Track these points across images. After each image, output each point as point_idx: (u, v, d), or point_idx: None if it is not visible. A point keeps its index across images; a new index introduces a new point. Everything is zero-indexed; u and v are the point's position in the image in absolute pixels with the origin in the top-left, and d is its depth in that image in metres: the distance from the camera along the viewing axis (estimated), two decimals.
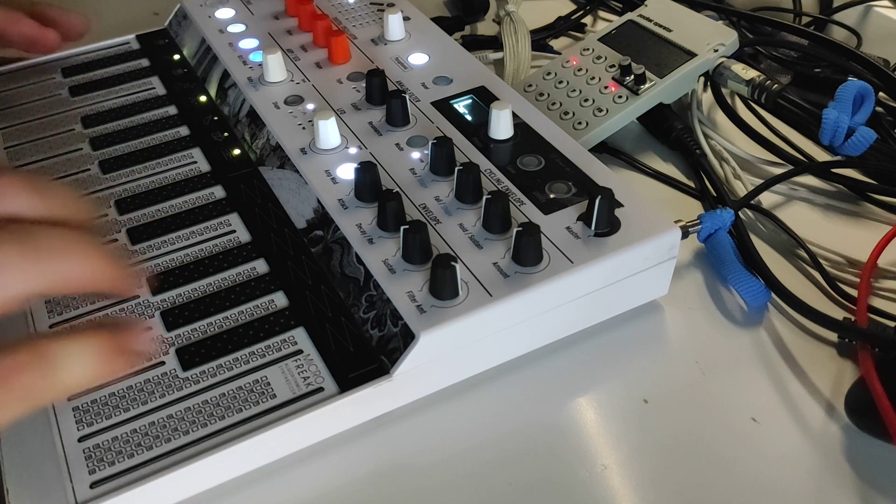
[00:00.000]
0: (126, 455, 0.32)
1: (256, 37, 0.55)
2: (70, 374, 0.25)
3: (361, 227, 0.39)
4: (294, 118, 0.47)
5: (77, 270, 0.25)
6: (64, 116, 0.52)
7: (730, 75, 0.50)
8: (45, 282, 0.24)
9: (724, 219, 0.43)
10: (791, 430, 0.36)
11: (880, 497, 0.34)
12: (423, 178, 0.42)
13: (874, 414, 0.33)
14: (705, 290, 0.43)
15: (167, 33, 0.60)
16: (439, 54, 0.52)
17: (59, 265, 0.25)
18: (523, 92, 0.54)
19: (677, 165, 0.53)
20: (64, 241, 0.25)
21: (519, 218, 0.39)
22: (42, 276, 0.24)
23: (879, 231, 0.44)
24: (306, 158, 0.44)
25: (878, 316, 0.41)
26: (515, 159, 0.43)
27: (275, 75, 0.50)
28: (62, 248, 0.25)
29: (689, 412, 0.37)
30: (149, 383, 0.35)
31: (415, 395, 0.37)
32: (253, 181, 0.45)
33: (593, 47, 0.55)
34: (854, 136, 0.45)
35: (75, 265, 0.25)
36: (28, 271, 0.24)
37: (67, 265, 0.25)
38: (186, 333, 0.37)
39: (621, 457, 0.35)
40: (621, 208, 0.39)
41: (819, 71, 0.58)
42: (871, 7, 0.62)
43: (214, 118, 0.51)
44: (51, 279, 0.24)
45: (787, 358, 0.40)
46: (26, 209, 0.25)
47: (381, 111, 0.47)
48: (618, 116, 0.50)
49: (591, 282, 0.37)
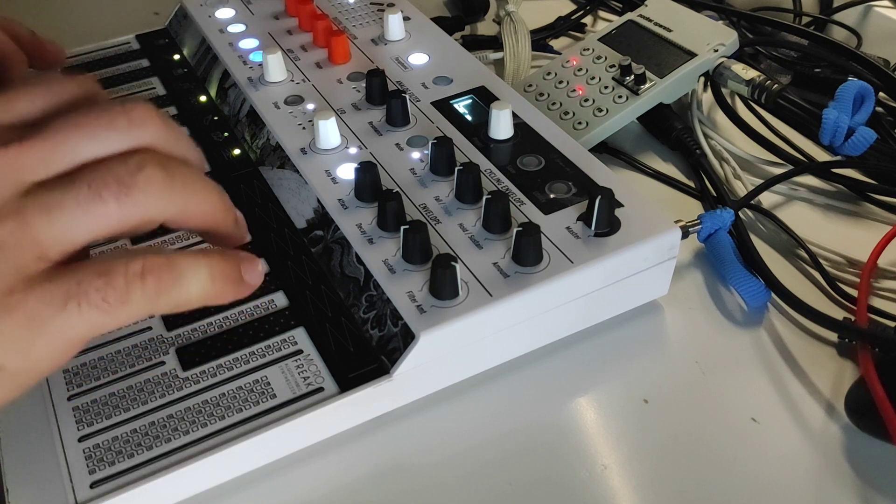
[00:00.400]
0: (126, 455, 0.32)
1: (256, 37, 0.55)
2: (189, 290, 0.26)
3: (361, 227, 0.39)
4: (294, 118, 0.47)
5: (206, 207, 0.27)
6: None
7: (730, 75, 0.50)
8: (177, 211, 0.26)
9: (724, 219, 0.43)
10: (791, 430, 0.36)
11: (880, 497, 0.34)
12: (423, 178, 0.42)
13: (874, 414, 0.33)
14: (705, 290, 0.43)
15: (167, 33, 0.60)
16: (439, 54, 0.52)
17: (193, 198, 0.26)
18: (523, 92, 0.54)
19: (677, 165, 0.53)
20: (197, 178, 0.26)
21: (519, 218, 0.39)
22: (175, 205, 0.25)
23: (879, 231, 0.44)
24: (306, 158, 0.44)
25: (878, 316, 0.41)
26: (515, 159, 0.43)
27: (275, 75, 0.50)
28: (196, 184, 0.26)
29: (689, 412, 0.37)
30: (149, 383, 0.35)
31: (415, 395, 0.37)
32: (253, 181, 0.45)
33: (593, 47, 0.55)
34: (854, 136, 0.45)
35: (205, 202, 0.27)
36: (166, 197, 0.25)
37: (198, 200, 0.26)
38: (186, 333, 0.37)
39: (621, 457, 0.35)
40: (621, 208, 0.39)
41: (819, 71, 0.58)
42: (871, 7, 0.62)
43: (214, 118, 0.51)
44: (182, 209, 0.26)
45: (787, 358, 0.40)
46: (161, 142, 0.26)
47: (381, 111, 0.47)
48: (618, 116, 0.50)
49: (591, 282, 0.37)
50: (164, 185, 0.25)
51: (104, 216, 0.24)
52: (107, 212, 0.24)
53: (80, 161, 0.24)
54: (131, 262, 0.24)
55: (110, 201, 0.24)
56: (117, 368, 0.36)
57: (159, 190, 0.25)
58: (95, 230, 0.24)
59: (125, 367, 0.36)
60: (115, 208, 0.24)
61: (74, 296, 0.23)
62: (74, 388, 0.35)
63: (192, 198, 0.26)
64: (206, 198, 0.27)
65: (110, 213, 0.24)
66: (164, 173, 0.25)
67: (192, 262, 0.26)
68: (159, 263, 0.25)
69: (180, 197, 0.26)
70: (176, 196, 0.25)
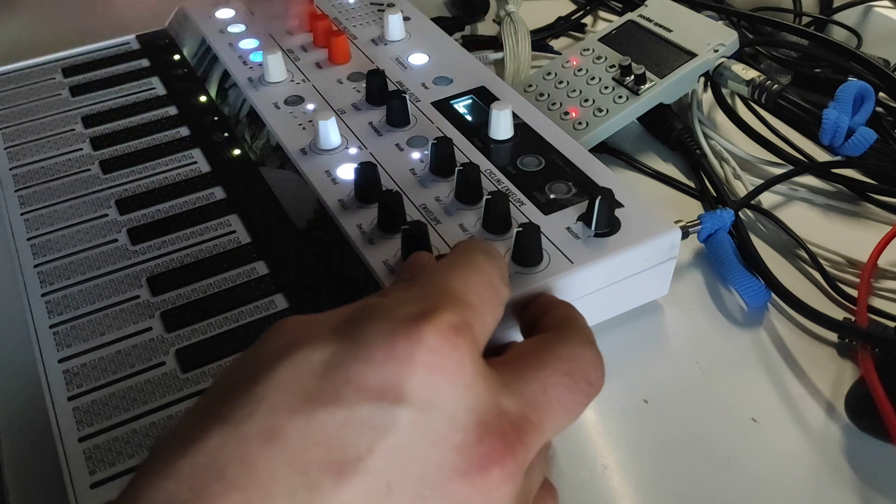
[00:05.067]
0: (126, 455, 0.32)
1: (256, 37, 0.55)
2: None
3: (361, 227, 0.39)
4: (294, 118, 0.47)
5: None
6: (64, 116, 0.52)
7: (730, 75, 0.50)
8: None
9: (724, 219, 0.43)
10: (791, 430, 0.36)
11: (880, 497, 0.34)
12: (423, 178, 0.42)
13: (874, 414, 0.33)
14: (705, 290, 0.43)
15: (167, 33, 0.60)
16: (439, 54, 0.52)
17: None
18: (523, 92, 0.54)
19: (677, 165, 0.53)
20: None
21: (519, 218, 0.39)
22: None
23: (879, 231, 0.44)
24: (306, 159, 0.44)
25: (878, 316, 0.41)
26: (515, 159, 0.43)
27: (275, 75, 0.50)
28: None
29: (689, 412, 0.37)
30: (149, 384, 0.35)
31: None
32: (253, 181, 0.45)
33: (593, 47, 0.55)
34: (854, 136, 0.45)
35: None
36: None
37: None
38: (187, 334, 0.37)
39: (621, 457, 0.35)
40: (621, 208, 0.39)
41: (819, 71, 0.58)
42: (871, 7, 0.62)
43: (215, 118, 0.51)
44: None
45: (787, 358, 0.40)
46: None
47: (381, 111, 0.47)
48: (618, 116, 0.50)
49: (592, 282, 0.37)
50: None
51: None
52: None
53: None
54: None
55: None
56: (118, 369, 0.36)
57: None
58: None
59: (125, 367, 0.36)
60: None
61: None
62: (75, 389, 0.35)
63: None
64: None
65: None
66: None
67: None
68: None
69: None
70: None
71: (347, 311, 0.25)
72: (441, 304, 0.23)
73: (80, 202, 0.45)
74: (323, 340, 0.22)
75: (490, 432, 0.22)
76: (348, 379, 0.21)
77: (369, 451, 0.21)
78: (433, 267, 0.27)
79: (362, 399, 0.21)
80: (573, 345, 0.26)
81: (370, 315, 0.23)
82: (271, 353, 0.23)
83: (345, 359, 0.22)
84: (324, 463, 0.20)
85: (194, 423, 0.21)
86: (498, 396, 0.23)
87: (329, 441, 0.21)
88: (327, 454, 0.20)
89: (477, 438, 0.22)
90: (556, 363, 0.25)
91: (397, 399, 0.21)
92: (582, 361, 0.26)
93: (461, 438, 0.22)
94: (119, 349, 0.37)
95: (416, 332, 0.22)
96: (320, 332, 0.23)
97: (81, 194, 0.45)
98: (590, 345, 0.27)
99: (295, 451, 0.20)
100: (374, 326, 0.22)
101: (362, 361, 0.22)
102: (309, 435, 0.21)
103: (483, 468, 0.22)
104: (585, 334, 0.27)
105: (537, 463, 0.25)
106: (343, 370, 0.22)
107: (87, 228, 0.43)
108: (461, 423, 0.22)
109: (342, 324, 0.23)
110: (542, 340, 0.27)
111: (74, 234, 0.43)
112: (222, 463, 0.20)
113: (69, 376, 0.36)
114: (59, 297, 0.39)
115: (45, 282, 0.40)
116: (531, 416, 0.23)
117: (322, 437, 0.21)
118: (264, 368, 0.22)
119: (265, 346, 0.23)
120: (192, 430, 0.21)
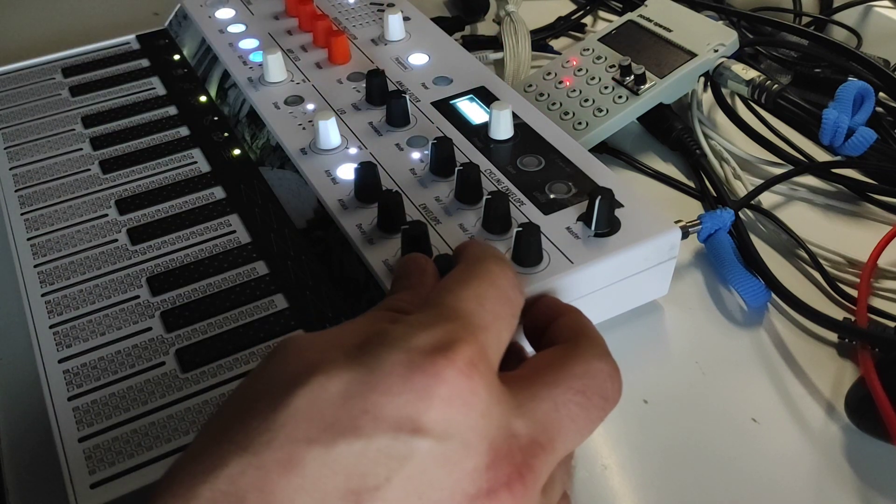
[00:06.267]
0: (126, 455, 0.32)
1: (256, 37, 0.55)
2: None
3: (361, 227, 0.39)
4: (294, 118, 0.47)
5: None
6: (64, 116, 0.52)
7: (730, 75, 0.50)
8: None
9: (724, 219, 0.43)
10: (791, 430, 0.36)
11: (880, 497, 0.34)
12: (423, 178, 0.42)
13: (874, 414, 0.33)
14: (705, 290, 0.43)
15: (167, 33, 0.60)
16: (439, 54, 0.52)
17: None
18: (523, 92, 0.54)
19: (677, 165, 0.53)
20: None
21: (519, 218, 0.39)
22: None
23: (879, 231, 0.44)
24: (306, 159, 0.44)
25: (878, 316, 0.41)
26: (515, 159, 0.43)
27: (275, 75, 0.50)
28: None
29: (689, 412, 0.37)
30: (149, 383, 0.35)
31: None
32: (253, 181, 0.45)
33: (593, 47, 0.55)
34: (854, 136, 0.45)
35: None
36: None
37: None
38: (186, 334, 0.37)
39: (621, 457, 0.35)
40: (621, 208, 0.39)
41: (819, 71, 0.58)
42: (871, 7, 0.62)
43: (214, 118, 0.51)
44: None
45: (787, 358, 0.40)
46: None
47: (381, 111, 0.47)
48: (618, 116, 0.50)
49: (592, 282, 0.37)
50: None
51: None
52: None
53: None
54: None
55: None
56: (117, 369, 0.36)
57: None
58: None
59: (125, 367, 0.36)
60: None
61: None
62: (75, 389, 0.35)
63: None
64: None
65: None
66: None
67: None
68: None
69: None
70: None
71: (358, 330, 0.25)
72: (457, 335, 0.23)
73: (79, 202, 0.45)
74: (338, 368, 0.22)
75: (500, 457, 0.22)
76: (366, 409, 0.21)
77: (387, 480, 0.21)
78: (445, 283, 0.27)
79: (380, 430, 0.21)
80: (588, 359, 0.26)
81: (384, 343, 0.23)
82: (286, 377, 0.23)
83: (362, 389, 0.22)
84: (342, 492, 0.20)
85: (211, 448, 0.21)
86: (510, 419, 0.23)
87: (347, 470, 0.21)
88: (345, 483, 0.21)
89: (487, 464, 0.22)
90: (570, 381, 0.25)
91: (415, 430, 0.21)
92: (596, 377, 0.26)
93: (473, 464, 0.22)
94: (119, 349, 0.37)
95: (433, 367, 0.22)
96: (334, 358, 0.23)
97: (81, 194, 0.45)
98: (604, 357, 0.27)
99: (313, 481, 0.20)
100: (390, 356, 0.22)
101: (380, 392, 0.22)
102: (327, 464, 0.21)
103: (492, 492, 0.22)
104: (599, 345, 0.27)
105: (559, 476, 0.26)
106: (360, 401, 0.22)
107: (86, 228, 0.43)
108: (475, 449, 0.22)
109: (355, 350, 0.23)
110: (556, 356, 0.27)
111: (74, 234, 0.43)
112: (242, 490, 0.20)
113: (69, 376, 0.36)
114: (59, 297, 0.39)
115: (45, 282, 0.40)
116: (540, 438, 0.24)
117: (340, 466, 0.21)
118: (280, 395, 0.22)
119: (278, 369, 0.23)
120: (210, 456, 0.21)
